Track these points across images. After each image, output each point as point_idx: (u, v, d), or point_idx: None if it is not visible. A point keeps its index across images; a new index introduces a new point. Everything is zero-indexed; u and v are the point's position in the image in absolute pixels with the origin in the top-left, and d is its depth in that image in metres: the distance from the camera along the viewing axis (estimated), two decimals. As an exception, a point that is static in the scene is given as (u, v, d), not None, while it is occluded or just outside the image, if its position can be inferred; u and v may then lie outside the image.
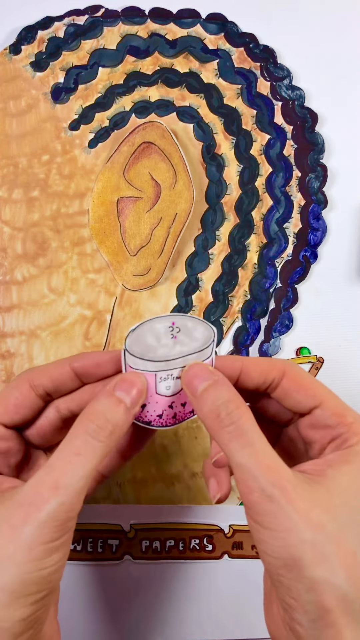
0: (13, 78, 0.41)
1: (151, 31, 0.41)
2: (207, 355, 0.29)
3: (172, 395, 0.29)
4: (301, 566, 0.22)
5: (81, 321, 0.42)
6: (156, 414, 0.29)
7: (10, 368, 0.42)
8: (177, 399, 0.29)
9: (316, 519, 0.22)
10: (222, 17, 0.41)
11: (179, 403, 0.30)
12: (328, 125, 0.42)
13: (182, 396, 0.29)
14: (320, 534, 0.22)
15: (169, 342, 0.29)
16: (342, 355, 0.44)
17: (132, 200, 0.41)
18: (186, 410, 0.30)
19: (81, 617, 0.43)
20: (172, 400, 0.29)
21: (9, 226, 0.42)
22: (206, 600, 0.44)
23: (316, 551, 0.22)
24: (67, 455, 0.25)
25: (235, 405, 0.25)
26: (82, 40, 0.41)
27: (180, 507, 0.43)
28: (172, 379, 0.29)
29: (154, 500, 0.43)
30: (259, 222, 0.42)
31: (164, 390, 0.29)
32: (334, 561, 0.22)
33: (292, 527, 0.22)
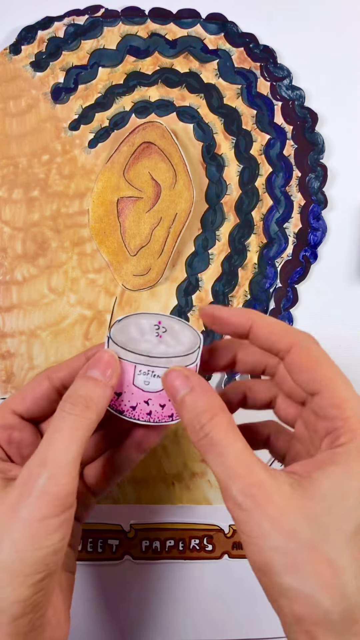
0: (13, 78, 0.41)
1: (151, 31, 0.41)
2: (191, 361, 0.29)
3: (150, 392, 0.29)
4: (272, 573, 0.22)
5: (81, 321, 0.42)
6: (129, 405, 0.29)
7: (10, 368, 0.42)
8: (156, 398, 0.29)
9: (289, 525, 0.22)
10: (222, 17, 0.41)
11: (157, 402, 0.29)
12: (328, 125, 0.42)
13: (162, 397, 0.29)
14: (293, 541, 0.21)
15: (152, 339, 0.29)
16: (342, 355, 0.44)
17: (132, 200, 0.41)
18: (164, 413, 0.30)
19: (81, 617, 0.43)
20: (149, 396, 0.29)
21: (9, 226, 0.42)
22: (206, 600, 0.44)
23: (287, 559, 0.21)
24: (49, 434, 0.26)
25: (208, 416, 0.25)
26: (82, 40, 0.41)
27: (180, 507, 0.43)
28: (151, 376, 0.29)
29: (154, 500, 0.43)
30: (259, 222, 0.42)
31: (142, 384, 0.29)
32: (305, 569, 0.21)
33: (263, 534, 0.22)
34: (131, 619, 0.43)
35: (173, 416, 0.30)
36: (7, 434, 0.30)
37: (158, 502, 0.43)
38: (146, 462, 0.43)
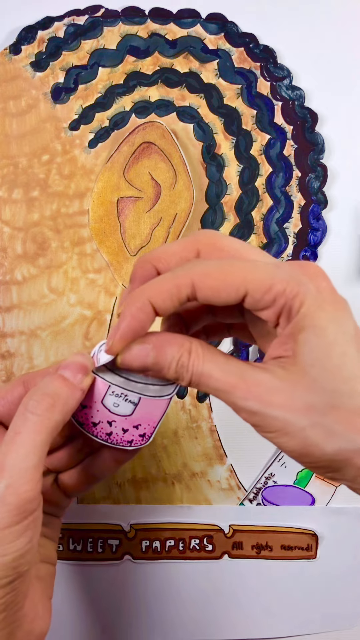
0: (13, 78, 0.41)
1: (151, 31, 0.41)
2: (169, 392, 0.28)
3: (117, 414, 0.28)
4: (315, 449, 0.23)
5: (81, 321, 0.42)
6: (91, 420, 0.29)
7: (10, 368, 0.42)
8: (120, 422, 0.28)
9: (301, 403, 0.22)
10: (222, 17, 0.41)
11: (120, 426, 0.29)
12: (328, 125, 0.42)
13: (127, 423, 0.28)
14: (314, 414, 0.22)
15: None
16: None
17: (132, 200, 0.41)
18: (124, 437, 0.29)
19: (81, 617, 0.43)
20: (114, 418, 0.28)
21: (9, 226, 0.42)
22: (206, 600, 0.44)
23: (319, 430, 0.22)
24: (9, 437, 0.24)
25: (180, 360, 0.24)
26: (82, 40, 0.41)
27: (180, 507, 0.43)
28: (123, 399, 0.28)
29: (154, 500, 0.43)
30: (259, 222, 0.42)
31: (110, 405, 0.28)
32: (340, 429, 0.22)
33: (286, 423, 0.22)
34: (131, 618, 0.43)
35: (132, 443, 0.29)
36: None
37: (158, 502, 0.43)
38: (146, 462, 0.43)
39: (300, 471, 0.44)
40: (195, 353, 0.24)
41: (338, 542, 0.44)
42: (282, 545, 0.43)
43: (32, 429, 0.24)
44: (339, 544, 0.44)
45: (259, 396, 0.23)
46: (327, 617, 0.44)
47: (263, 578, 0.44)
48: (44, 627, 0.27)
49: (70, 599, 0.43)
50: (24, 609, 0.25)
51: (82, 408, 0.29)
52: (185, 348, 0.24)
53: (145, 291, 0.24)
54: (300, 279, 0.24)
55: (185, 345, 0.24)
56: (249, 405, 0.23)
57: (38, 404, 0.25)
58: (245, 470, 0.44)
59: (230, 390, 0.23)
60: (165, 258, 0.26)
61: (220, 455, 0.44)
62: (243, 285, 0.23)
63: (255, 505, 0.44)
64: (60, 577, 0.43)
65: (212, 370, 0.24)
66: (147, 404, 0.28)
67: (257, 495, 0.44)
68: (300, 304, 0.23)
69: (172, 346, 0.24)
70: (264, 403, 0.23)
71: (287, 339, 0.24)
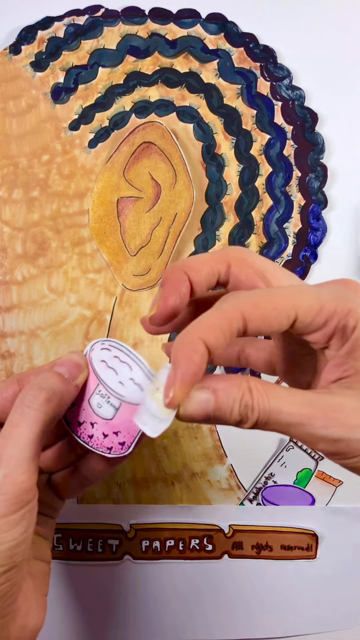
0: (13, 78, 0.41)
1: (151, 31, 0.41)
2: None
3: (99, 416, 0.28)
4: None
5: (81, 321, 0.42)
6: (77, 419, 0.29)
7: (10, 368, 0.42)
8: (101, 425, 0.29)
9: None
10: (222, 17, 0.41)
11: (100, 430, 0.29)
12: (328, 125, 0.42)
13: (107, 427, 0.29)
14: None
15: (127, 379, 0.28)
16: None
17: (132, 200, 0.41)
18: (104, 443, 0.29)
19: (81, 617, 0.43)
20: (96, 420, 0.29)
21: (9, 226, 0.42)
22: (206, 600, 0.44)
23: None
24: (6, 429, 0.25)
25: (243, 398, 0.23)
26: (82, 40, 0.41)
27: (180, 507, 0.43)
28: (106, 401, 0.28)
29: (154, 500, 0.43)
30: (259, 222, 0.42)
31: (95, 405, 0.29)
32: None
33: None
34: (131, 618, 0.43)
35: (112, 450, 0.29)
36: None
37: (158, 502, 0.43)
38: (146, 462, 0.43)
39: (300, 471, 0.44)
40: (257, 390, 0.22)
41: (338, 542, 0.44)
42: (282, 545, 0.43)
43: (29, 422, 0.25)
44: (339, 544, 0.44)
45: (340, 421, 0.22)
46: (327, 616, 0.44)
47: (263, 578, 0.44)
48: (38, 622, 0.28)
49: (71, 599, 0.43)
50: (18, 602, 0.26)
51: (72, 406, 0.29)
52: (245, 387, 0.23)
53: (195, 330, 0.22)
54: (347, 296, 0.23)
55: (243, 384, 0.23)
56: (331, 433, 0.22)
57: (35, 398, 0.26)
58: (245, 470, 0.44)
59: (306, 422, 0.22)
60: (197, 266, 0.25)
61: (220, 455, 0.44)
62: (293, 310, 0.22)
63: (255, 505, 0.44)
64: (61, 577, 0.43)
65: (281, 404, 0.22)
66: (127, 411, 0.28)
67: (257, 495, 0.44)
68: (356, 321, 0.22)
69: (232, 387, 0.22)
70: (346, 427, 0.22)
71: (346, 359, 0.23)
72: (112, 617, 0.43)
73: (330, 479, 0.44)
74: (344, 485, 0.44)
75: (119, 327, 0.43)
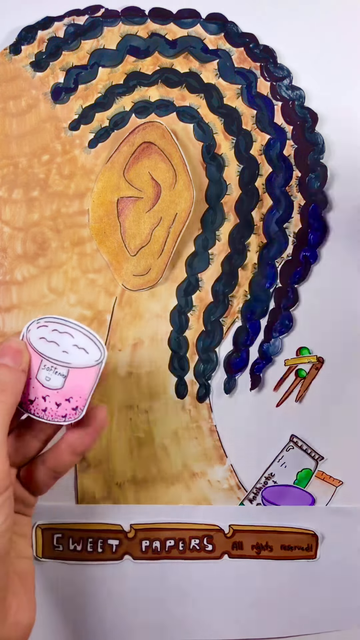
0: (13, 78, 0.41)
1: (151, 31, 0.41)
2: (96, 359, 0.30)
3: (49, 388, 0.30)
4: None
5: (81, 321, 0.42)
6: (28, 398, 0.31)
7: (10, 368, 0.42)
8: (53, 396, 0.30)
9: None
10: (222, 17, 0.41)
11: (53, 400, 0.30)
12: (328, 125, 0.42)
13: (59, 396, 0.30)
14: None
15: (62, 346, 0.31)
16: (342, 356, 0.44)
17: (132, 200, 0.41)
18: (58, 412, 0.31)
19: (81, 617, 0.43)
20: (47, 392, 0.30)
21: (9, 226, 0.42)
22: (206, 600, 0.44)
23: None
24: None
25: None
26: (82, 40, 0.41)
27: (180, 507, 0.43)
28: (53, 372, 0.30)
29: (154, 500, 0.43)
30: (259, 222, 0.42)
31: (43, 379, 0.30)
32: None
33: None
34: (131, 618, 0.43)
35: (66, 417, 0.31)
36: None
37: (158, 502, 0.43)
38: (146, 462, 0.43)
39: (300, 471, 0.44)
40: None
41: (338, 542, 0.44)
42: (282, 545, 0.43)
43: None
44: (339, 544, 0.44)
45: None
46: (327, 617, 0.44)
47: (263, 578, 0.44)
48: (30, 619, 0.29)
49: (70, 599, 0.43)
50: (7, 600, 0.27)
51: None
52: None
53: None
54: None
55: None
56: None
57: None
58: (245, 470, 0.44)
59: None
60: None
61: (220, 455, 0.44)
62: None
63: (255, 505, 0.44)
64: (60, 577, 0.43)
65: None
66: (75, 375, 0.30)
67: (257, 495, 0.44)
68: None
69: None
70: None
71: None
72: (112, 617, 0.43)
73: (331, 479, 0.44)
74: (344, 486, 0.44)
75: (119, 327, 0.43)
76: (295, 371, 0.44)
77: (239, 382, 0.43)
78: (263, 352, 0.43)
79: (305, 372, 0.43)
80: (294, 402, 0.44)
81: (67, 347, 0.30)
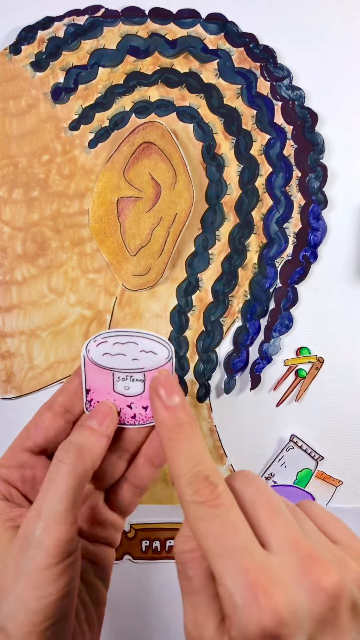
0: (13, 78, 0.41)
1: (151, 31, 0.41)
2: (166, 355, 0.30)
3: (132, 396, 0.30)
4: None
5: (81, 321, 0.42)
6: None
7: (10, 368, 0.42)
8: (138, 401, 0.30)
9: None
10: (222, 17, 0.41)
11: (139, 405, 0.30)
12: (328, 125, 0.42)
13: (144, 400, 0.30)
14: None
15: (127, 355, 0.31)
16: (342, 356, 0.44)
17: (132, 200, 0.41)
18: (147, 414, 0.31)
19: (81, 617, 0.43)
20: (131, 400, 0.30)
21: (9, 226, 0.42)
22: (206, 600, 0.44)
23: None
24: (46, 483, 0.26)
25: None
26: (82, 40, 0.41)
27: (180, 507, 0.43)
28: (130, 381, 0.30)
29: (154, 500, 0.43)
30: (259, 222, 0.42)
31: (122, 390, 0.30)
32: None
33: None
34: (131, 618, 0.43)
35: None
36: (19, 473, 0.30)
37: (158, 502, 0.43)
38: (146, 462, 0.43)
39: (300, 471, 0.44)
40: None
41: (338, 542, 0.44)
42: (282, 545, 0.43)
43: (63, 475, 0.26)
44: (339, 544, 0.44)
45: None
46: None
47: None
48: None
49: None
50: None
51: None
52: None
53: None
54: None
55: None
56: None
57: (66, 453, 0.27)
58: (245, 470, 0.44)
59: None
60: None
61: (220, 455, 0.44)
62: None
63: (255, 505, 0.44)
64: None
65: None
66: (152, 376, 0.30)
67: (257, 495, 0.44)
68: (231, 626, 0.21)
69: None
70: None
71: None
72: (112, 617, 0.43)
73: (331, 479, 0.44)
74: (344, 485, 0.44)
75: (119, 327, 0.43)
76: (295, 371, 0.44)
77: (239, 382, 0.43)
78: (263, 352, 0.43)
79: (305, 372, 0.43)
80: (294, 402, 0.44)
81: (135, 355, 0.30)
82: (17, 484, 0.30)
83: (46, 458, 0.31)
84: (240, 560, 0.20)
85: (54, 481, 0.26)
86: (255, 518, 0.22)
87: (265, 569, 0.20)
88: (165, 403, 0.27)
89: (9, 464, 0.30)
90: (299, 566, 0.20)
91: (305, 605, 0.19)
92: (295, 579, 0.20)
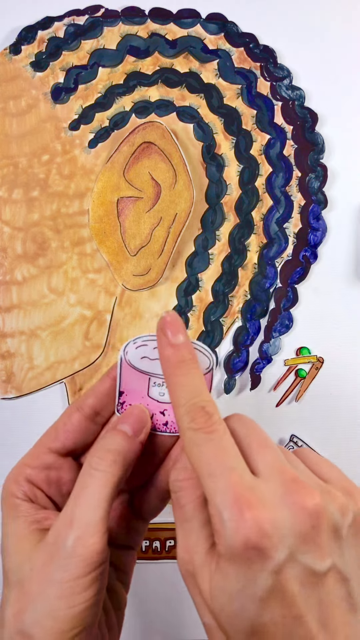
0: (13, 78, 0.41)
1: (151, 31, 0.41)
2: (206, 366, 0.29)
3: (166, 402, 0.29)
4: None
5: (81, 321, 0.42)
6: None
7: (10, 368, 0.42)
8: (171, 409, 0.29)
9: None
10: (222, 17, 0.41)
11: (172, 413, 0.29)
12: (328, 125, 0.42)
13: None
14: None
15: None
16: (342, 356, 0.44)
17: (132, 200, 0.41)
18: None
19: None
20: (165, 407, 0.29)
21: (9, 226, 0.42)
22: (206, 600, 0.44)
23: None
24: (76, 492, 0.26)
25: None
26: (82, 40, 0.41)
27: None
28: (166, 387, 0.29)
29: (154, 500, 0.43)
30: (259, 222, 0.42)
31: (157, 396, 0.29)
32: None
33: None
34: (131, 618, 0.43)
35: None
36: (44, 474, 0.29)
37: (158, 502, 0.43)
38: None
39: (300, 471, 0.44)
40: None
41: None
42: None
43: (97, 483, 0.25)
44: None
45: None
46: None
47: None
48: None
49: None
50: None
51: None
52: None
53: None
54: None
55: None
56: None
57: (101, 460, 0.26)
58: (245, 470, 0.44)
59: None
60: None
61: (220, 455, 0.44)
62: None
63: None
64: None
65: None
66: None
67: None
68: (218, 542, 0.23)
69: None
70: None
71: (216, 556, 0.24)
72: (112, 617, 0.43)
73: (330, 479, 0.44)
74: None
75: (119, 327, 0.43)
76: (295, 371, 0.44)
77: (238, 382, 0.43)
78: (263, 352, 0.43)
79: (305, 372, 0.43)
80: (294, 402, 0.44)
81: None
82: (42, 485, 0.29)
83: (72, 460, 0.30)
84: (229, 478, 0.22)
85: (88, 489, 0.25)
86: (247, 449, 0.24)
87: (251, 488, 0.22)
88: (170, 341, 0.27)
89: (34, 464, 0.29)
90: (284, 488, 0.22)
91: (288, 522, 0.21)
92: (279, 499, 0.22)
